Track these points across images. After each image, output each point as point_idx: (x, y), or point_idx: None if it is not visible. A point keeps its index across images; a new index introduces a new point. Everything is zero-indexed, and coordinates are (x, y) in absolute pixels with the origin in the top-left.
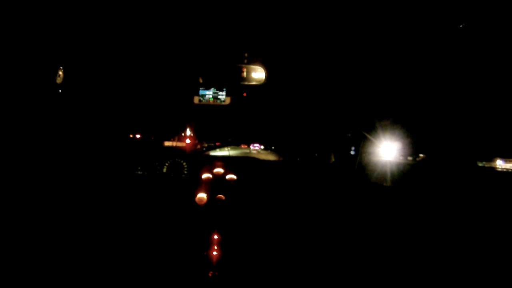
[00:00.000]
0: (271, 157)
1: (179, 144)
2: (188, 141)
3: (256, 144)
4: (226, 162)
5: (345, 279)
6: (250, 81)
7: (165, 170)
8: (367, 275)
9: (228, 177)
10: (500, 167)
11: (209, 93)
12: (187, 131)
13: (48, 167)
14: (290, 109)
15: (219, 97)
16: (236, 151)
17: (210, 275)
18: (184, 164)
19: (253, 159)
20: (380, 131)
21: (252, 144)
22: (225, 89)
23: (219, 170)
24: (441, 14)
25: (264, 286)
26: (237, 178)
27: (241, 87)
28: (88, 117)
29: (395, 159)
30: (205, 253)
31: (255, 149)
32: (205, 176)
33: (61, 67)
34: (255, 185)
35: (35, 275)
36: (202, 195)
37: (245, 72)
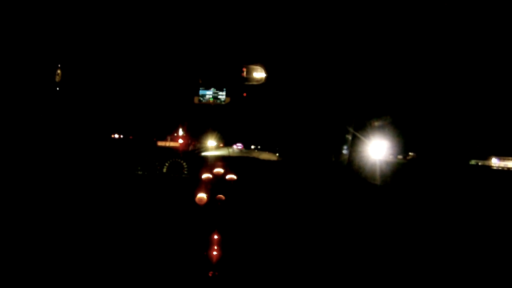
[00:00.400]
0: (270, 157)
1: (172, 144)
2: (181, 141)
3: (238, 144)
4: (226, 162)
5: (345, 278)
6: (250, 81)
7: (165, 170)
8: (366, 275)
9: (228, 177)
10: (495, 165)
11: (209, 93)
12: (180, 131)
13: (48, 167)
14: (285, 109)
15: (219, 97)
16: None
17: (210, 275)
18: (184, 164)
19: (253, 159)
20: (370, 130)
21: (235, 144)
22: (225, 89)
23: (219, 170)
24: (429, 12)
25: (264, 286)
26: (237, 178)
27: (241, 87)
28: (87, 117)
29: (385, 157)
30: (205, 253)
31: (238, 148)
32: (205, 176)
33: (59, 65)
34: (255, 185)
35: (35, 275)
36: (202, 195)
37: (245, 72)
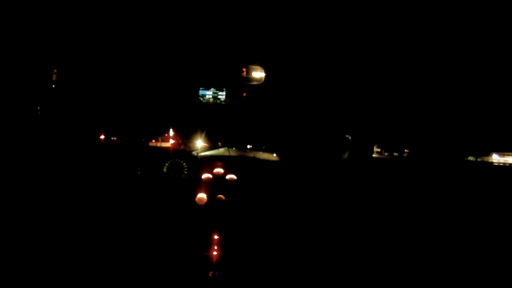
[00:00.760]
0: (269, 157)
1: (164, 144)
2: (172, 141)
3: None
4: (226, 162)
5: (344, 278)
6: (250, 81)
7: (165, 170)
8: (366, 275)
9: (228, 177)
10: (496, 161)
11: (209, 93)
12: (171, 131)
13: (48, 167)
14: (285, 109)
15: (219, 97)
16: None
17: (210, 275)
18: (184, 164)
19: (253, 159)
20: (366, 128)
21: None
22: (225, 89)
23: (219, 170)
24: (427, 10)
25: (264, 286)
26: (237, 178)
27: (240, 87)
28: (86, 117)
29: (379, 155)
30: (206, 253)
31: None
32: (205, 176)
33: (56, 65)
34: (255, 185)
35: (35, 275)
36: (202, 195)
37: (245, 72)
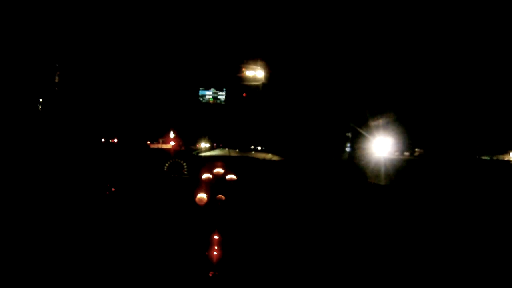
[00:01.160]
0: (270, 157)
1: (165, 146)
2: (172, 143)
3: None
4: (226, 162)
5: (344, 278)
6: (249, 81)
7: (165, 170)
8: (365, 275)
9: (228, 177)
10: None
11: (209, 93)
12: (171, 134)
13: (48, 167)
14: (286, 108)
15: (218, 97)
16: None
17: (210, 275)
18: (184, 164)
19: (253, 159)
20: (374, 126)
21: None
22: (225, 89)
23: (219, 170)
24: (435, 9)
25: (264, 286)
26: (237, 178)
27: (240, 87)
28: (86, 117)
29: (390, 155)
30: (206, 253)
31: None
32: (205, 176)
33: (58, 66)
34: (255, 185)
35: (35, 275)
36: (202, 195)
37: (245, 72)
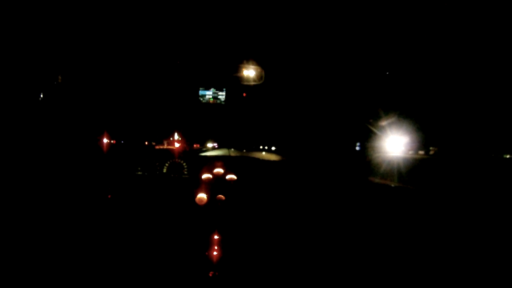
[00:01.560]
0: (270, 157)
1: (170, 147)
2: (177, 144)
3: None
4: (226, 162)
5: (345, 279)
6: (249, 81)
7: (165, 170)
8: (366, 276)
9: (228, 177)
10: None
11: (209, 93)
12: (175, 135)
13: (49, 167)
14: (289, 106)
15: (219, 97)
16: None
17: (211, 275)
18: (184, 164)
19: (253, 159)
20: (387, 124)
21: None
22: (225, 89)
23: (219, 170)
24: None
25: (264, 286)
26: (237, 178)
27: (241, 87)
28: (87, 117)
29: (403, 153)
30: (206, 253)
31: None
32: (205, 176)
33: (59, 68)
34: (255, 185)
35: (35, 275)
36: (202, 195)
37: (244, 72)
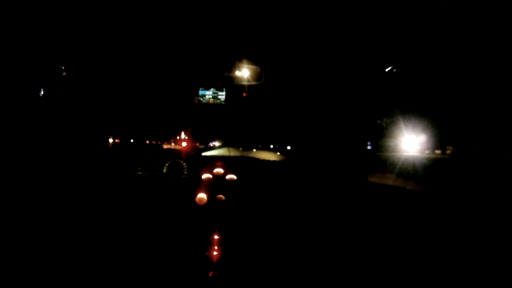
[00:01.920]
0: (271, 157)
1: (177, 147)
2: (184, 144)
3: (215, 142)
4: (226, 162)
5: (346, 280)
6: (248, 81)
7: (165, 170)
8: (366, 276)
9: (228, 177)
10: None
11: (209, 93)
12: (182, 134)
13: (49, 166)
14: (292, 105)
15: (218, 97)
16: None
17: (211, 275)
18: (184, 164)
19: (253, 159)
20: (402, 122)
21: (211, 142)
22: (224, 89)
23: (219, 170)
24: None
25: (264, 286)
26: (237, 178)
27: (241, 86)
28: (88, 117)
29: (419, 153)
30: (206, 253)
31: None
32: (205, 176)
33: (62, 66)
34: (255, 185)
35: (35, 275)
36: (202, 195)
37: (244, 72)
